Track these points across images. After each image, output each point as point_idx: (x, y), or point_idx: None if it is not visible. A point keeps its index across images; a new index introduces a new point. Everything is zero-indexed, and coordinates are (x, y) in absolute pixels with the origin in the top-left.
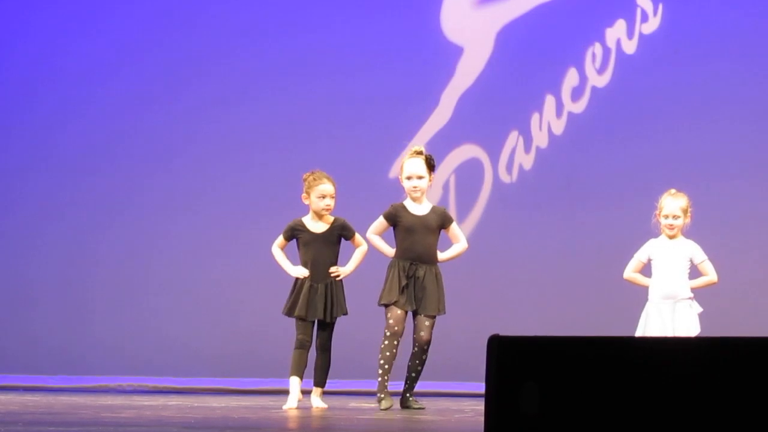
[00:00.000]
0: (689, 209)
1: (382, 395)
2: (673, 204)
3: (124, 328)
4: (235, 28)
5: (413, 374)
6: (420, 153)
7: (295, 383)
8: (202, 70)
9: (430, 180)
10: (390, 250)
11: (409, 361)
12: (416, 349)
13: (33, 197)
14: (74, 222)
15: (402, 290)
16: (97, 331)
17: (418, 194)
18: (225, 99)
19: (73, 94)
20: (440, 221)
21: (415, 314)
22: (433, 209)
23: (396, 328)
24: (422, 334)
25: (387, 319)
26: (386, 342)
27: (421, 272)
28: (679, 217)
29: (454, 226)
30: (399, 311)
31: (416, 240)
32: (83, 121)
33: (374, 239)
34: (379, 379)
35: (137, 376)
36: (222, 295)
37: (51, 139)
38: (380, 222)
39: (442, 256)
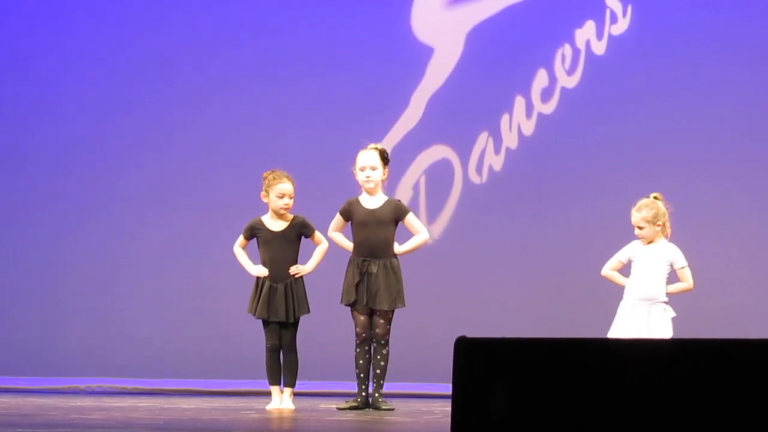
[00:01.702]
0: (660, 216)
1: (356, 400)
2: (635, 216)
3: (94, 329)
4: (203, 31)
5: (377, 371)
6: (375, 148)
7: (275, 391)
8: (170, 72)
9: (384, 173)
10: (350, 245)
11: (371, 358)
12: (374, 344)
13: (2, 199)
14: (44, 223)
15: (357, 288)
16: (66, 332)
17: (371, 185)
18: (192, 102)
19: (43, 96)
20: (394, 214)
21: (372, 311)
22: (387, 202)
23: (364, 335)
24: (377, 330)
25: (354, 325)
26: (357, 350)
27: (374, 268)
28: (643, 227)
29: (410, 217)
30: (362, 317)
31: (369, 234)
32: (53, 123)
33: (335, 236)
34: (357, 389)
35: (107, 378)
36: (192, 297)
37: (21, 141)
38: (337, 218)
39: (400, 248)
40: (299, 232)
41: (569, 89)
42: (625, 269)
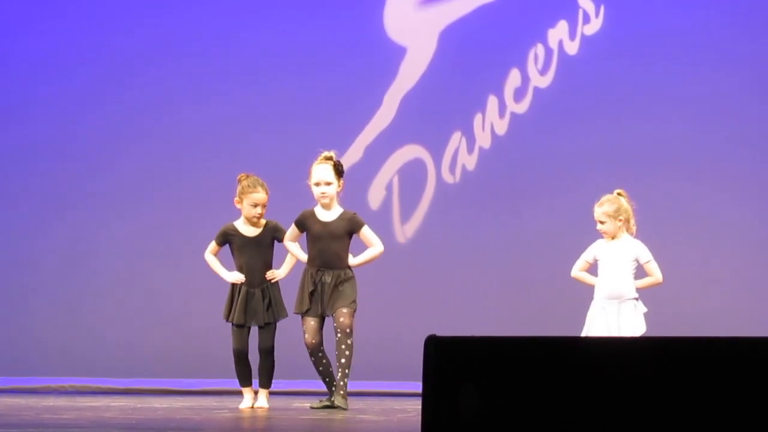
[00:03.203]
0: (621, 211)
1: (329, 399)
2: (597, 211)
3: (67, 329)
4: (175, 31)
5: (342, 360)
6: (329, 159)
7: (247, 392)
8: (144, 72)
9: (339, 186)
10: (304, 256)
11: (335, 349)
12: (339, 335)
13: None
14: (14, 222)
15: (311, 297)
16: (39, 332)
17: (326, 200)
18: (163, 102)
19: (14, 94)
20: (348, 227)
21: (329, 316)
22: (342, 215)
23: (313, 341)
24: (341, 320)
25: (303, 333)
26: (312, 359)
27: (327, 278)
28: (604, 222)
29: (365, 231)
30: (312, 322)
31: (323, 247)
32: (21, 122)
33: (290, 246)
34: (327, 389)
35: (80, 377)
36: (165, 295)
37: None
38: (292, 228)
39: (354, 261)
40: (273, 236)
41: (542, 89)
42: (594, 268)
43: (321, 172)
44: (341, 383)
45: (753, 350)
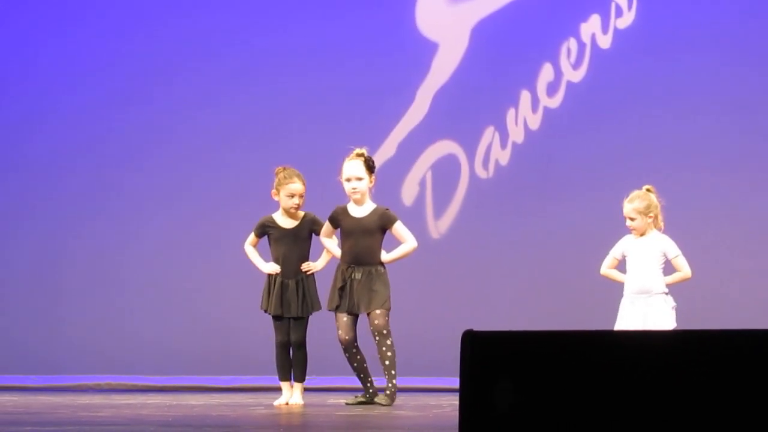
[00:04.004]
0: (651, 208)
1: (364, 395)
2: (627, 207)
3: (102, 327)
4: (206, 29)
5: (386, 362)
6: (360, 155)
7: (285, 386)
8: (172, 71)
9: (370, 181)
10: (339, 252)
11: (377, 352)
12: (377, 338)
13: (3, 197)
14: (48, 221)
15: (341, 293)
16: (74, 331)
17: (357, 196)
18: (197, 98)
19: (44, 95)
20: (380, 222)
21: (367, 313)
22: (374, 211)
23: (346, 338)
24: (376, 322)
25: (337, 329)
26: (346, 355)
27: (358, 274)
28: (634, 219)
29: (398, 226)
30: (344, 318)
31: (354, 243)
32: (54, 122)
33: (325, 242)
34: (362, 385)
35: (116, 375)
36: (200, 293)
37: (21, 140)
38: (326, 225)
39: (387, 256)
40: (310, 229)
41: (575, 83)
42: (622, 265)
43: (352, 167)
44: (389, 385)
45: None
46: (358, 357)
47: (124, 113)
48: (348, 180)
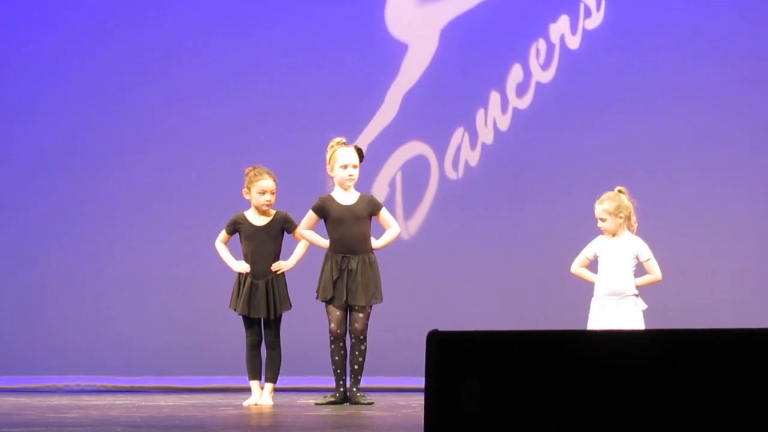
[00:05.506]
0: (622, 209)
1: (334, 395)
2: (597, 208)
3: (71, 328)
4: (180, 27)
5: (355, 366)
6: (354, 147)
7: (254, 386)
8: (150, 70)
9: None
10: (324, 242)
11: (350, 354)
12: (353, 340)
13: None
14: (24, 221)
15: (335, 284)
16: (43, 331)
17: (351, 183)
18: (172, 99)
19: (25, 94)
20: (369, 209)
21: (350, 307)
22: (361, 197)
23: (338, 330)
24: (356, 325)
25: (329, 321)
26: (332, 346)
27: (353, 264)
28: (605, 219)
29: (383, 213)
30: (338, 312)
31: (346, 230)
32: (35, 120)
33: (306, 233)
34: (335, 384)
35: (84, 376)
36: (170, 293)
37: (4, 139)
38: (310, 216)
39: (376, 243)
40: (282, 227)
41: (544, 84)
42: (593, 265)
43: (350, 155)
44: (354, 389)
45: (762, 341)
46: (342, 352)
47: (102, 113)
48: (345, 167)
